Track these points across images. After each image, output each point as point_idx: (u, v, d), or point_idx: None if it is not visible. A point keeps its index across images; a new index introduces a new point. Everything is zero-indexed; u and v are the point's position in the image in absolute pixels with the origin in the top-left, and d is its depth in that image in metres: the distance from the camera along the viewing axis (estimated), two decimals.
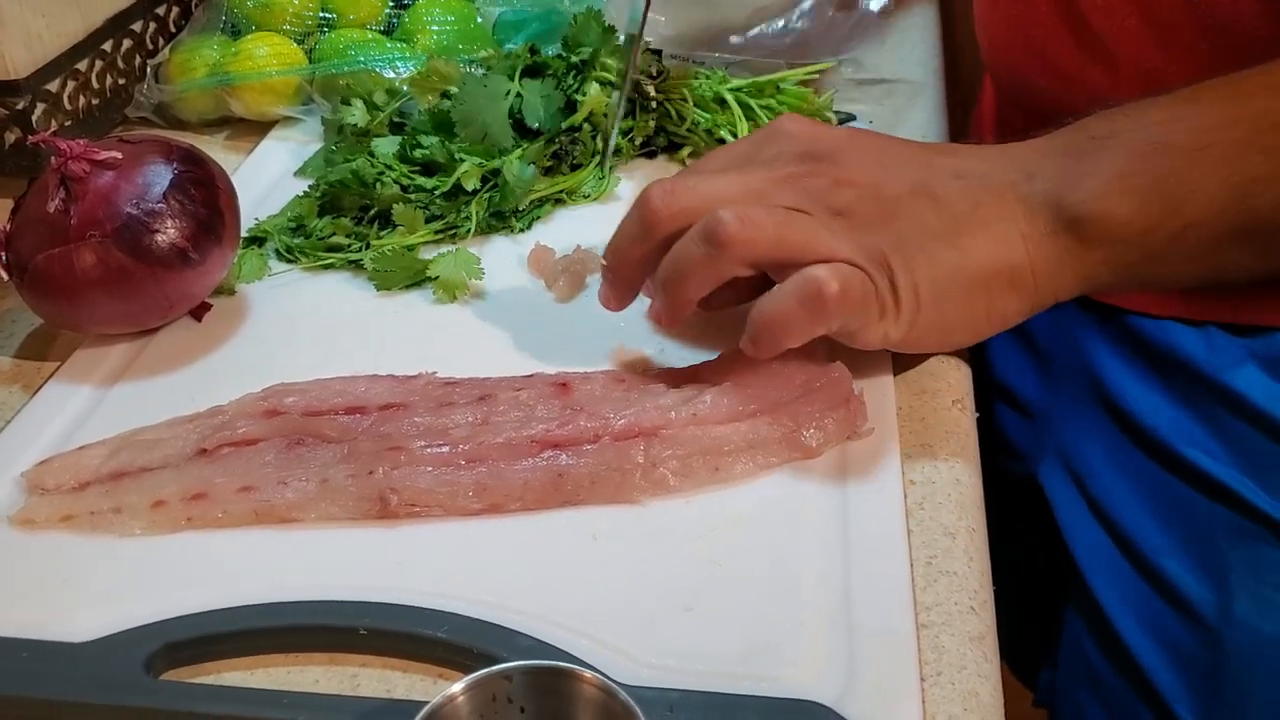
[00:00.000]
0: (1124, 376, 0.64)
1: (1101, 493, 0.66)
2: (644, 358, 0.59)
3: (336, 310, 0.65)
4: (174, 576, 0.49)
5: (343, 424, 0.53)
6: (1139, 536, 0.64)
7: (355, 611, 0.46)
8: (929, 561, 0.48)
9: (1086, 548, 0.67)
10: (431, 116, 0.74)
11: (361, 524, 0.50)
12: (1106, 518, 0.66)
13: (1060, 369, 0.68)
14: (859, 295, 0.49)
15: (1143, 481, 0.64)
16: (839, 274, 0.49)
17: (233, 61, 0.82)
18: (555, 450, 0.52)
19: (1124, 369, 0.64)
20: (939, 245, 0.50)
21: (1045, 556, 0.71)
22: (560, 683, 0.39)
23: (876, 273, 0.50)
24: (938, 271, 0.50)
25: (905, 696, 0.42)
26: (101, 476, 0.53)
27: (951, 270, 0.50)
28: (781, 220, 0.51)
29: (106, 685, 0.44)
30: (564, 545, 0.49)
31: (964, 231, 0.50)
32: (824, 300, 0.49)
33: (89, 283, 0.58)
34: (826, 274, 0.49)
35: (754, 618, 0.45)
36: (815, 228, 0.50)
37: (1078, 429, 0.67)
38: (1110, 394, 0.64)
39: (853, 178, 0.52)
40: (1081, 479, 0.67)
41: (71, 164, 0.58)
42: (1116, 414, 0.64)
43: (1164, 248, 0.51)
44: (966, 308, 0.51)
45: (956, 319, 0.51)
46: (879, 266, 0.50)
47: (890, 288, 0.50)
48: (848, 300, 0.49)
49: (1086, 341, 0.65)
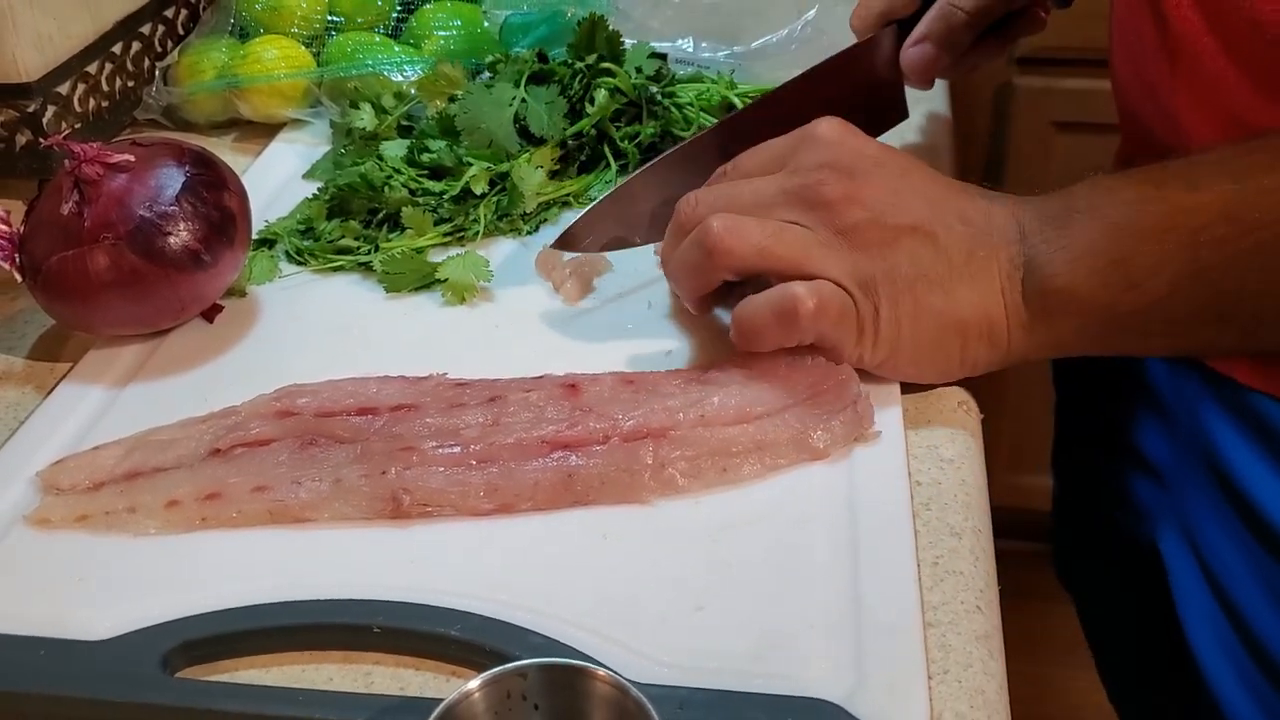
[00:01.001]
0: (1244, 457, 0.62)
1: (1219, 568, 0.65)
2: (652, 359, 0.60)
3: (347, 312, 0.66)
4: (189, 575, 0.49)
5: (355, 425, 0.54)
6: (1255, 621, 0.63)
7: (369, 610, 0.46)
8: (935, 561, 0.49)
9: (1199, 621, 0.66)
10: (439, 121, 0.74)
11: (374, 523, 0.51)
12: (1223, 594, 0.64)
13: (1184, 439, 0.67)
14: (835, 315, 0.52)
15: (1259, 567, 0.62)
16: (818, 293, 0.52)
17: (241, 64, 0.83)
18: (565, 451, 0.52)
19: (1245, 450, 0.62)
20: (928, 286, 0.52)
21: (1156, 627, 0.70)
22: (574, 680, 0.39)
23: (861, 296, 0.52)
24: (922, 310, 0.52)
25: (913, 694, 0.43)
26: (116, 476, 0.53)
27: (935, 312, 0.52)
28: (771, 233, 0.53)
29: (123, 682, 0.44)
30: (574, 545, 0.50)
31: (954, 278, 0.52)
32: (796, 316, 0.52)
33: (102, 285, 0.59)
34: (805, 291, 0.52)
35: (763, 616, 0.46)
36: (807, 244, 0.53)
37: (1198, 501, 0.66)
38: (1227, 473, 0.63)
39: (864, 198, 0.53)
40: (1200, 551, 0.66)
41: (85, 167, 0.59)
42: (1233, 494, 0.63)
43: (1132, 322, 0.52)
44: (941, 349, 0.53)
45: (930, 358, 0.54)
46: (866, 291, 0.52)
47: (873, 313, 0.53)
48: (822, 318, 0.52)
49: (1207, 415, 0.64)
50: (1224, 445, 0.63)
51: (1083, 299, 0.51)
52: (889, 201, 0.53)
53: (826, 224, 0.53)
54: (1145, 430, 0.72)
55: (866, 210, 0.53)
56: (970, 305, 0.52)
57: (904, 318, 0.53)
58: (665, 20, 0.86)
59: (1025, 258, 0.52)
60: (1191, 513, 0.66)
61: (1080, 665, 0.86)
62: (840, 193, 0.53)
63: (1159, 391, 0.69)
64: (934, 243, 0.53)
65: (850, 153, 0.55)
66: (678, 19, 0.86)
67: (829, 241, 0.53)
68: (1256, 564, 0.61)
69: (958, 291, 0.52)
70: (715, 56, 0.84)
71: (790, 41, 0.84)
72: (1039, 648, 1.36)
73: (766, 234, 0.53)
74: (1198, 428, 0.64)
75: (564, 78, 0.75)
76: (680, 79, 0.79)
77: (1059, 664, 0.86)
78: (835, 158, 0.54)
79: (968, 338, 0.53)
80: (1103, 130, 1.31)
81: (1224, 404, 0.62)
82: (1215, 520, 0.64)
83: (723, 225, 0.54)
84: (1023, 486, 1.46)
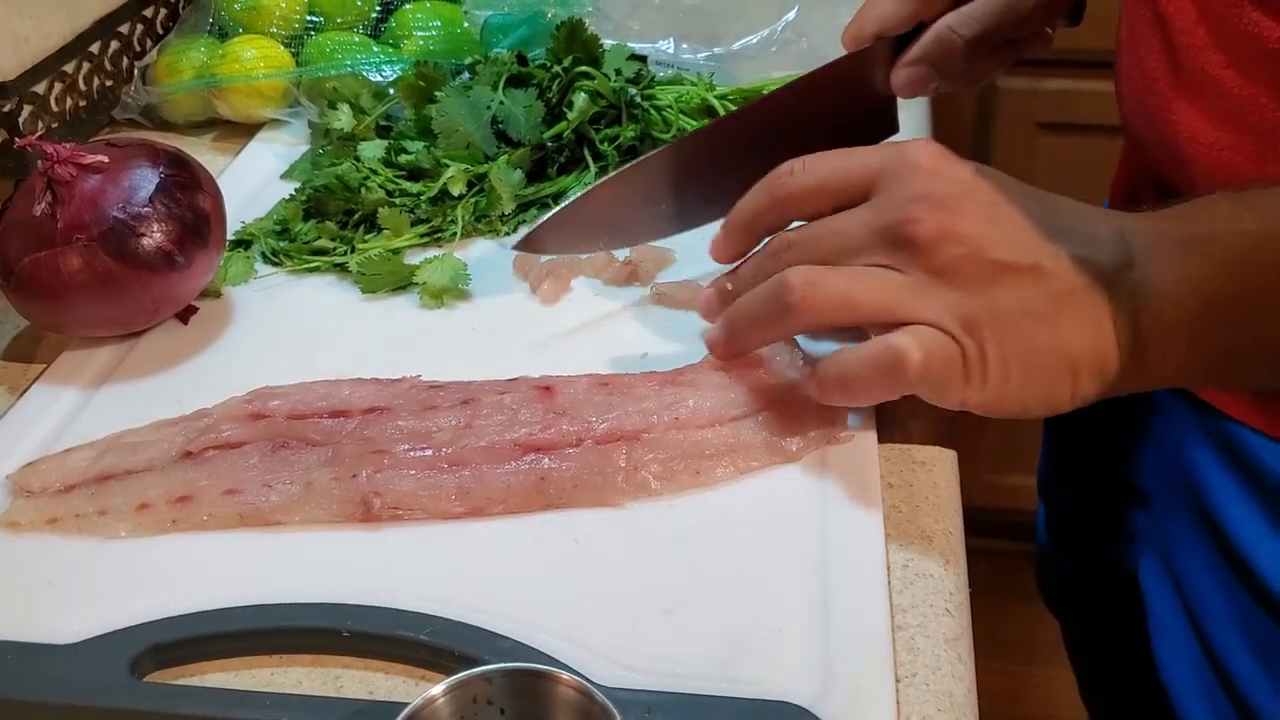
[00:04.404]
0: (1226, 492, 0.61)
1: (1195, 600, 0.63)
2: (629, 362, 0.60)
3: (322, 313, 0.65)
4: (159, 579, 0.49)
5: (327, 427, 0.54)
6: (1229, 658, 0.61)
7: (338, 614, 0.46)
8: (905, 564, 0.49)
9: (1173, 654, 0.65)
10: (417, 122, 0.74)
11: (345, 527, 0.51)
12: (1198, 627, 0.63)
13: (1168, 468, 0.66)
14: (941, 362, 0.48)
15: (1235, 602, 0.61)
16: (923, 343, 0.48)
17: (220, 64, 0.83)
18: (538, 454, 0.52)
19: (1227, 485, 0.61)
20: (1034, 323, 0.48)
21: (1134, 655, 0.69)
22: (539, 685, 0.39)
23: (966, 338, 0.48)
24: (1029, 348, 0.48)
25: (880, 698, 0.43)
26: (87, 479, 0.53)
27: (1043, 349, 0.48)
28: (854, 280, 0.49)
29: (91, 687, 0.44)
30: (545, 548, 0.50)
31: (1061, 313, 0.48)
32: (903, 371, 0.48)
33: (75, 286, 0.58)
34: (910, 343, 0.48)
35: (732, 620, 0.46)
36: (897, 289, 0.49)
37: (1178, 531, 0.65)
38: (1207, 505, 0.62)
39: (961, 232, 0.49)
40: (1179, 581, 0.65)
41: (58, 168, 0.59)
42: (1212, 526, 0.62)
43: (1247, 360, 0.50)
44: (1051, 387, 0.49)
45: (1039, 395, 0.50)
46: (970, 332, 0.48)
47: (979, 356, 0.48)
48: (929, 370, 0.48)
49: (1191, 446, 0.63)
50: (1206, 478, 0.62)
51: (1195, 333, 0.48)
52: (987, 234, 0.49)
53: (920, 265, 0.49)
54: (1132, 457, 0.71)
55: (963, 246, 0.48)
56: (1080, 340, 0.48)
57: (1012, 356, 0.48)
58: (645, 22, 0.86)
59: (1137, 286, 0.48)
60: (1172, 542, 0.66)
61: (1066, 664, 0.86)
62: (934, 231, 0.48)
63: (1148, 419, 0.69)
64: (1038, 275, 0.48)
65: (944, 180, 0.50)
66: (658, 21, 0.86)
67: (922, 283, 0.49)
68: (1232, 598, 0.60)
69: (1066, 326, 0.48)
70: (695, 58, 0.84)
71: (770, 43, 0.84)
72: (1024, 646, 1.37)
73: (850, 283, 0.49)
74: (1182, 458, 0.64)
75: (542, 81, 0.75)
76: (660, 81, 0.79)
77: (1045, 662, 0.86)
78: (926, 190, 0.50)
79: (1079, 374, 0.49)
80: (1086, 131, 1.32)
81: (1209, 436, 0.61)
82: (1194, 551, 0.63)
83: (803, 279, 0.49)
84: (1010, 487, 1.47)
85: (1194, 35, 0.56)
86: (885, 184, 0.51)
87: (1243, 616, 0.60)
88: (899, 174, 0.51)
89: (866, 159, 0.52)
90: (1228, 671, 0.61)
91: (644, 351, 0.61)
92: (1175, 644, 0.65)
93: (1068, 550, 0.83)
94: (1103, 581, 0.75)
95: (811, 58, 0.80)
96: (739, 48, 0.84)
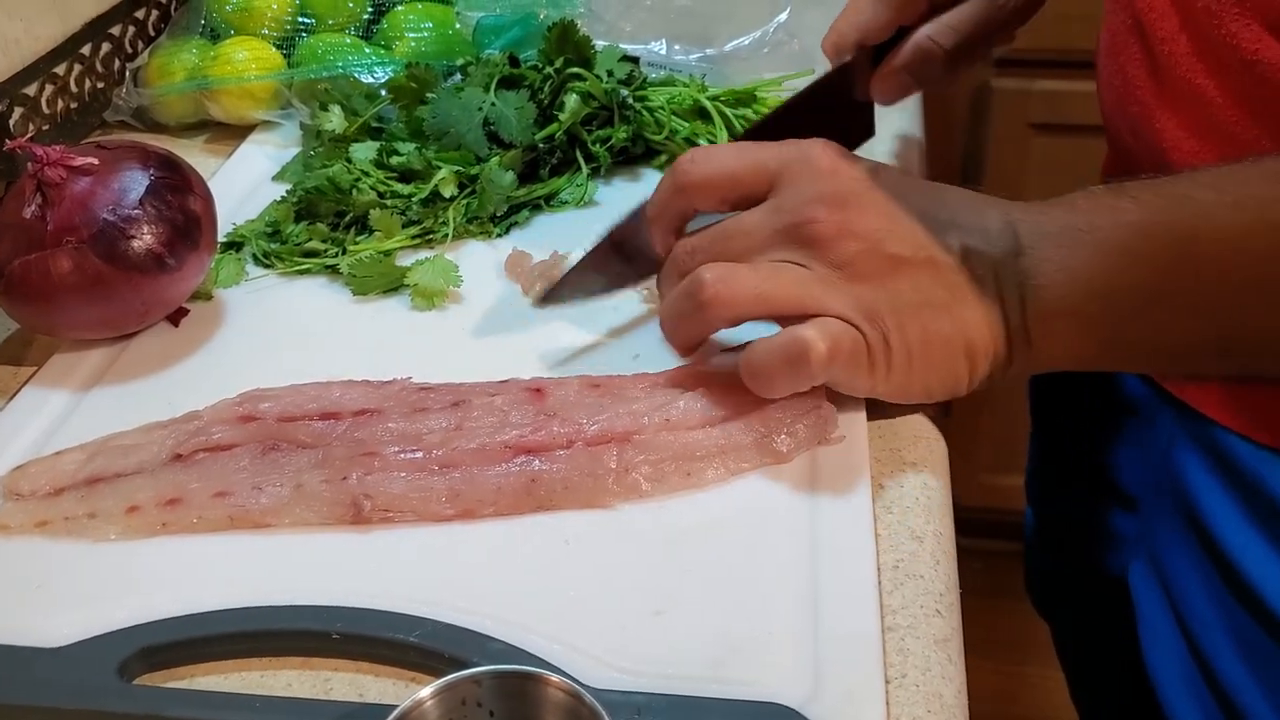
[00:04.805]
0: (1213, 497, 0.61)
1: (1185, 605, 0.64)
2: (620, 363, 0.60)
3: (313, 315, 0.65)
4: (148, 581, 0.49)
5: (317, 429, 0.54)
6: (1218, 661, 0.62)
7: (328, 616, 0.46)
8: (896, 565, 0.49)
9: (1164, 659, 0.65)
10: (409, 123, 0.74)
11: (335, 529, 0.51)
12: (1188, 631, 0.63)
13: (1156, 472, 0.66)
14: (848, 353, 0.51)
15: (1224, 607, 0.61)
16: (828, 333, 0.50)
17: (211, 65, 0.82)
18: (528, 456, 0.52)
19: (1215, 490, 0.61)
20: (932, 312, 0.51)
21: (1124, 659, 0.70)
22: (528, 686, 0.39)
23: (869, 328, 0.51)
24: (929, 336, 0.51)
25: (870, 699, 0.43)
26: (77, 482, 0.53)
27: (941, 337, 0.51)
28: (766, 277, 0.52)
29: (80, 690, 0.44)
30: (536, 550, 0.50)
31: (957, 302, 0.51)
32: (809, 361, 0.50)
33: (65, 288, 0.58)
34: (815, 334, 0.50)
35: (723, 621, 0.46)
36: (805, 283, 0.51)
37: (1167, 536, 0.65)
38: (1196, 510, 0.62)
39: (859, 229, 0.51)
40: (1168, 586, 0.65)
41: (48, 170, 0.59)
42: (1200, 531, 0.62)
43: (1132, 349, 0.51)
44: (950, 372, 0.52)
45: (939, 381, 0.52)
46: (873, 323, 0.51)
47: (883, 344, 0.51)
48: (835, 359, 0.50)
49: (1179, 451, 0.63)
50: (1194, 483, 0.62)
51: (1082, 323, 0.50)
52: (885, 229, 0.51)
53: (822, 260, 0.51)
54: (1120, 460, 0.72)
55: (862, 242, 0.51)
56: (976, 326, 0.51)
57: (914, 344, 0.51)
58: (637, 23, 0.86)
59: (1024, 276, 0.50)
60: (1161, 547, 0.66)
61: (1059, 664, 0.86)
62: (833, 228, 0.51)
63: (1135, 423, 0.69)
64: (934, 267, 0.51)
65: (842, 181, 0.52)
66: (650, 22, 0.86)
67: (827, 278, 0.51)
68: (1221, 604, 0.61)
69: (963, 314, 0.51)
70: (687, 59, 0.84)
71: (762, 44, 0.84)
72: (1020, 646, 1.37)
73: (761, 279, 0.52)
74: (1170, 462, 0.64)
75: (534, 83, 0.75)
76: (652, 82, 0.79)
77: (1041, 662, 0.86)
78: (825, 190, 0.52)
79: (976, 358, 0.52)
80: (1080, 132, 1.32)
81: (1197, 440, 0.62)
82: (1183, 556, 0.63)
83: (715, 275, 0.52)
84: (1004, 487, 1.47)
85: (1176, 44, 0.56)
86: (786, 182, 0.53)
87: (1230, 619, 0.60)
88: (798, 173, 0.53)
89: (766, 156, 0.54)
90: (1216, 673, 0.61)
91: (635, 353, 0.61)
92: (1164, 646, 0.65)
93: (1054, 552, 0.83)
94: (1090, 583, 0.75)
95: (803, 59, 0.81)
96: (731, 49, 0.84)
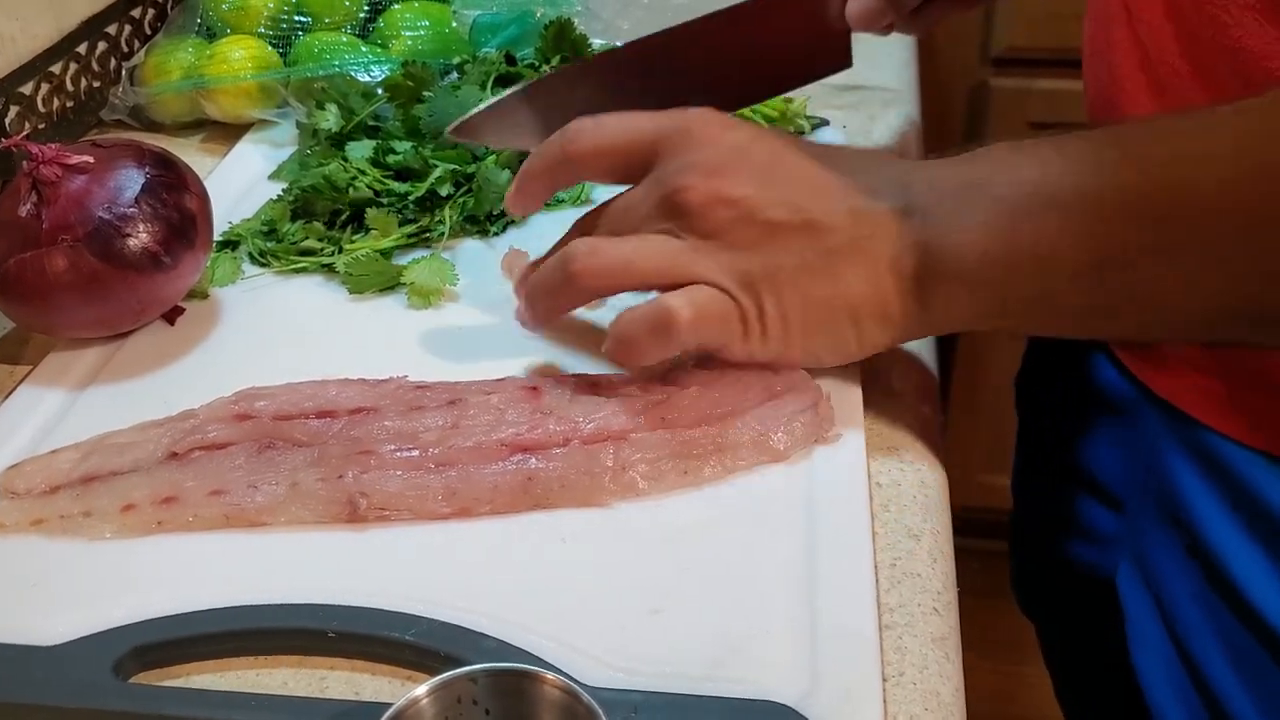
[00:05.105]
0: (1201, 500, 0.61)
1: (1173, 607, 0.63)
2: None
3: (309, 314, 0.65)
4: (144, 580, 0.49)
5: (313, 428, 0.53)
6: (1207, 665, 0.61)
7: (324, 614, 0.46)
8: (893, 563, 0.49)
9: (1152, 661, 0.65)
10: (405, 122, 0.74)
11: (331, 527, 0.51)
12: (1175, 634, 0.63)
13: (1142, 473, 0.66)
14: (716, 319, 0.51)
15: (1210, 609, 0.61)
16: (693, 301, 0.51)
17: (208, 64, 0.82)
18: (525, 454, 0.52)
19: (1201, 491, 0.61)
20: (811, 276, 0.51)
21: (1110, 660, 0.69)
22: (524, 684, 0.39)
23: (742, 295, 0.51)
24: (808, 301, 0.51)
25: (867, 697, 0.43)
26: (72, 480, 0.53)
27: (822, 300, 0.51)
28: (635, 248, 0.52)
29: (75, 689, 0.44)
30: (533, 548, 0.49)
31: (838, 262, 0.50)
32: (673, 328, 0.51)
33: (61, 287, 0.58)
34: (680, 302, 0.51)
35: (720, 619, 0.46)
36: (674, 253, 0.52)
37: (1154, 537, 0.65)
38: (1181, 511, 0.61)
39: (733, 196, 0.51)
40: (1155, 588, 0.65)
41: (43, 168, 0.58)
42: (1186, 532, 0.61)
43: (1028, 308, 0.50)
44: (835, 335, 0.52)
45: (825, 346, 0.52)
46: (746, 289, 0.51)
47: (758, 311, 0.51)
48: (701, 326, 0.51)
49: (1166, 451, 0.62)
50: (1180, 484, 0.62)
51: (975, 282, 0.49)
52: (759, 196, 0.51)
53: (695, 229, 0.51)
54: (1105, 460, 0.71)
55: (734, 209, 0.51)
56: (858, 287, 0.50)
57: (791, 309, 0.51)
58: (635, 21, 0.86)
59: (914, 236, 0.49)
60: (1147, 548, 0.66)
61: None
62: (704, 196, 0.51)
63: (1119, 423, 0.68)
64: (812, 230, 0.50)
65: (717, 147, 0.52)
66: (647, 19, 0.86)
67: (699, 246, 0.51)
68: (1208, 606, 0.60)
69: (844, 275, 0.50)
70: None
71: None
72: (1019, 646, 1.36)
73: (630, 250, 0.52)
74: (1156, 463, 0.64)
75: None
76: None
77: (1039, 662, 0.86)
78: (698, 159, 0.52)
79: (860, 319, 0.51)
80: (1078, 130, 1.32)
81: (1183, 442, 0.61)
82: (1170, 558, 0.63)
83: (586, 248, 0.53)
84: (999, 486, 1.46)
85: (1162, 32, 0.56)
86: (663, 153, 0.53)
87: (1217, 622, 0.60)
88: (674, 143, 0.53)
89: (644, 127, 0.54)
90: (1203, 676, 0.61)
91: None
92: (1151, 648, 0.65)
93: (1040, 551, 0.83)
94: (1076, 583, 0.75)
95: None
96: None
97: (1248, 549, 0.58)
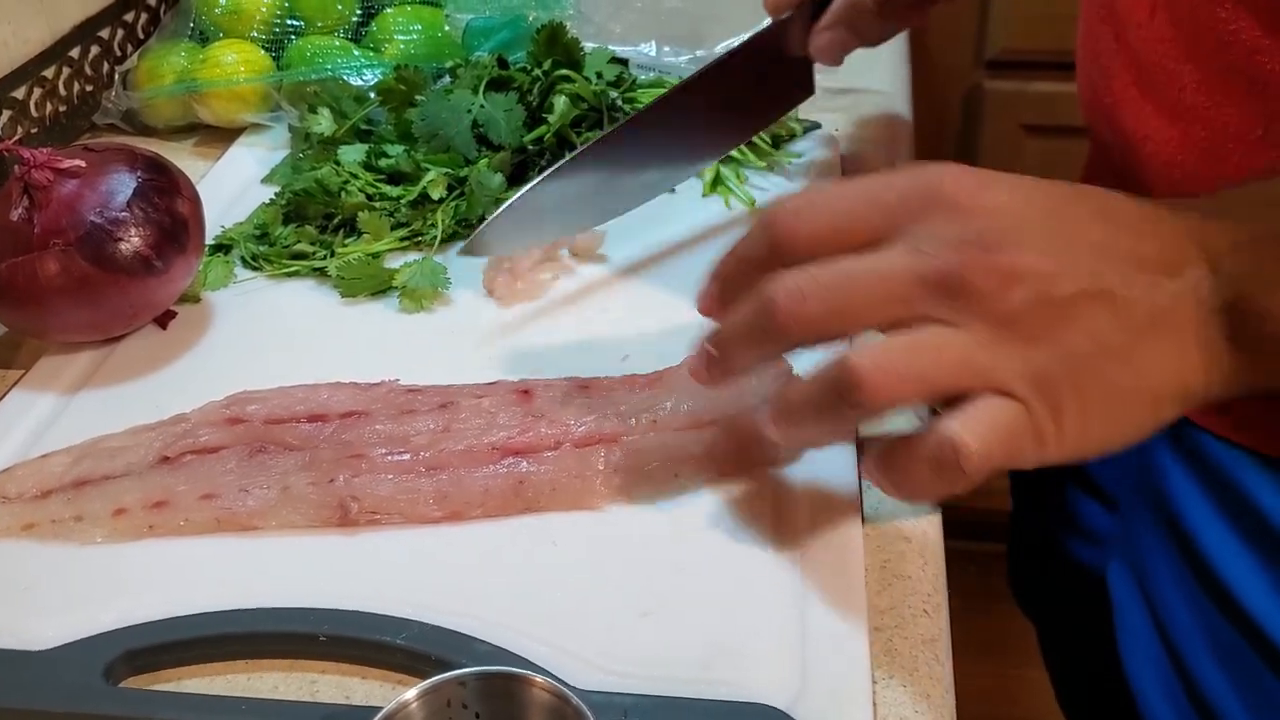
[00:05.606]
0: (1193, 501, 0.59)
1: (1163, 606, 0.62)
2: (610, 364, 0.60)
3: (301, 318, 0.65)
4: (135, 584, 0.49)
5: (304, 432, 0.54)
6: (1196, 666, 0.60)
7: (314, 618, 0.46)
8: (884, 565, 0.49)
9: (1141, 660, 0.64)
10: (397, 126, 0.74)
11: (322, 531, 0.51)
12: (1165, 633, 0.62)
13: (1135, 472, 0.65)
14: (1006, 441, 0.42)
15: (1200, 610, 0.59)
16: (980, 426, 0.41)
17: (201, 68, 0.82)
18: (516, 457, 0.52)
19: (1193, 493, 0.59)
20: (1114, 364, 0.42)
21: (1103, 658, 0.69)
22: (513, 688, 0.39)
23: (1037, 401, 0.42)
24: (1110, 394, 0.42)
25: (857, 699, 0.43)
26: (64, 484, 0.53)
27: (1126, 392, 0.43)
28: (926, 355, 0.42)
29: (66, 693, 0.44)
30: (524, 552, 0.50)
31: (1141, 344, 0.42)
32: (960, 469, 0.41)
33: (53, 291, 0.58)
34: (967, 434, 0.41)
35: (711, 622, 0.46)
36: (967, 356, 0.42)
37: (1146, 536, 0.64)
38: (1173, 511, 0.60)
39: (1023, 269, 0.41)
40: (1146, 586, 0.63)
41: (35, 173, 0.58)
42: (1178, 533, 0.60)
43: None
44: (1134, 426, 0.44)
45: (1120, 436, 0.44)
46: (1044, 393, 0.42)
47: (1053, 414, 0.42)
48: (994, 456, 0.42)
49: (1158, 451, 0.61)
50: (1172, 485, 0.61)
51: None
52: (1053, 263, 0.42)
53: (983, 316, 0.41)
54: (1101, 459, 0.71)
55: (1029, 285, 0.41)
56: (1161, 372, 0.42)
57: (1091, 406, 0.42)
58: (627, 25, 0.86)
59: (1224, 294, 0.42)
60: (1139, 548, 0.66)
61: None
62: (998, 273, 0.41)
63: None
64: (1112, 306, 0.42)
65: (992, 211, 0.42)
66: (640, 24, 0.86)
67: (990, 341, 0.41)
68: (1198, 607, 0.60)
69: (1146, 358, 0.42)
70: (677, 61, 0.84)
71: None
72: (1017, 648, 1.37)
73: (923, 360, 0.42)
74: (1149, 462, 0.64)
75: (523, 85, 0.75)
76: (641, 84, 0.79)
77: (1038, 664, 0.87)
78: (967, 229, 0.42)
79: (1160, 406, 0.43)
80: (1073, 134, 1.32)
81: (1175, 442, 0.61)
82: (1161, 558, 0.63)
83: (873, 364, 0.41)
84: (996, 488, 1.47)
85: (1151, 28, 0.55)
86: (915, 221, 0.43)
87: (1207, 623, 0.60)
88: (929, 210, 0.43)
89: (883, 195, 0.44)
90: (1192, 676, 0.61)
91: (624, 354, 0.60)
92: (1142, 647, 0.65)
93: (1036, 549, 0.83)
94: (1071, 581, 0.75)
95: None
96: (721, 50, 0.84)
97: (1236, 549, 0.58)
